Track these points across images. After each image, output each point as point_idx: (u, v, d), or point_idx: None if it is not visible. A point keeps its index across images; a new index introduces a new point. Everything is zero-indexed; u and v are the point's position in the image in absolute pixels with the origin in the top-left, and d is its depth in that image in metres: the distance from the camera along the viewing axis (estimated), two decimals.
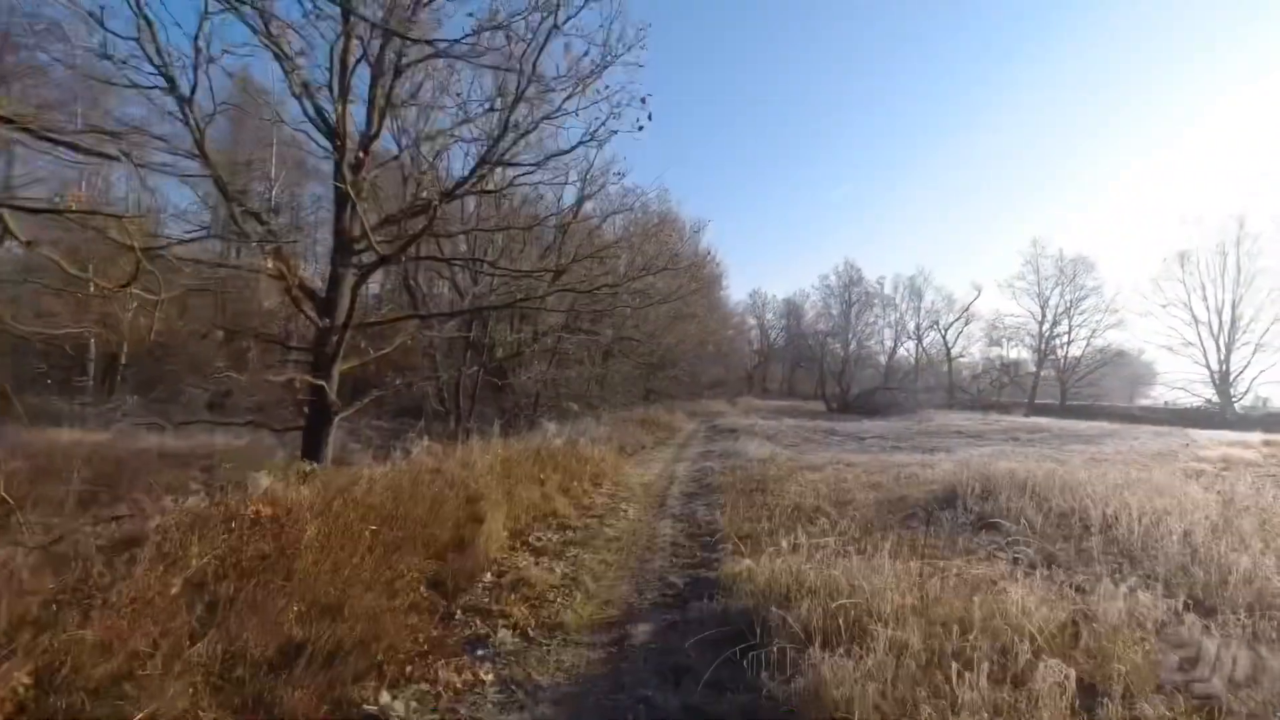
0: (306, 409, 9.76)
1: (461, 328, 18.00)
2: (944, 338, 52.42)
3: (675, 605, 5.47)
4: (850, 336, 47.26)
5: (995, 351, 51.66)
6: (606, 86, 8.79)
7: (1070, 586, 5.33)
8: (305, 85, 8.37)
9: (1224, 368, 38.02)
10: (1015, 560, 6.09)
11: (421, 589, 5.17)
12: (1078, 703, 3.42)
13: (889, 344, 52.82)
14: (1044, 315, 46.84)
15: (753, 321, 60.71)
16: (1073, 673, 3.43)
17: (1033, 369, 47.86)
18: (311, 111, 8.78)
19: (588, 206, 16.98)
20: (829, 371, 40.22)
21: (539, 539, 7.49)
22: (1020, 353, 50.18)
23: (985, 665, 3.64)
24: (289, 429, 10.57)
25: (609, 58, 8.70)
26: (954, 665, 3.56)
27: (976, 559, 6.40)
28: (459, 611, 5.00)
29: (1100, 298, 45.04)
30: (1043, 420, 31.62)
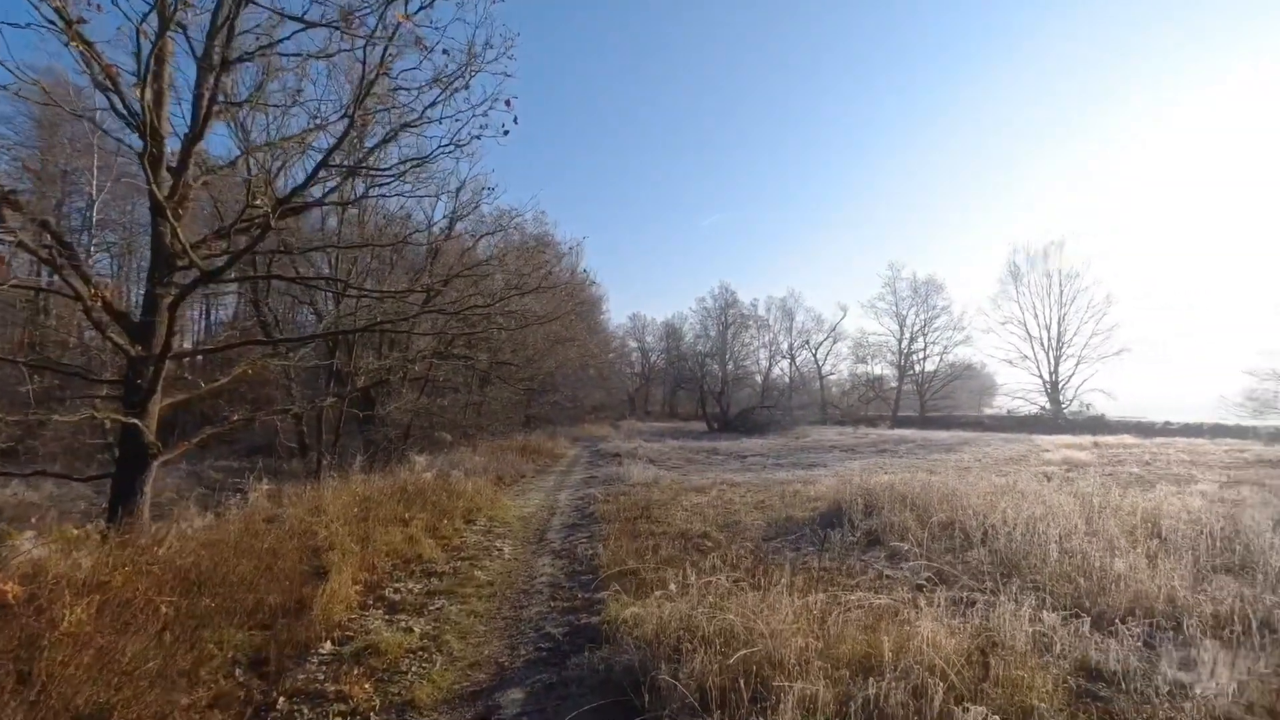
0: (118, 452, 8.24)
1: (323, 355, 16.43)
2: (815, 356, 55.15)
3: (553, 662, 4.80)
4: (728, 357, 48.45)
5: (861, 368, 54.96)
6: (470, 97, 8.17)
7: (968, 605, 5.19)
8: (107, 72, 7.10)
9: (1054, 377, 42.48)
10: (919, 588, 5.91)
11: (237, 672, 4.19)
12: None
13: (764, 363, 54.81)
14: (902, 333, 50.48)
15: (634, 344, 61.08)
16: (997, 719, 3.14)
17: (895, 384, 51.27)
18: (121, 107, 7.49)
19: (460, 227, 16.14)
20: (709, 392, 40.88)
21: (398, 591, 6.55)
22: (883, 368, 53.66)
23: (901, 715, 3.30)
24: (94, 477, 8.89)
25: (475, 64, 8.08)
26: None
27: (870, 580, 6.20)
28: (281, 699, 4.05)
29: (950, 316, 49.15)
30: (907, 432, 33.64)
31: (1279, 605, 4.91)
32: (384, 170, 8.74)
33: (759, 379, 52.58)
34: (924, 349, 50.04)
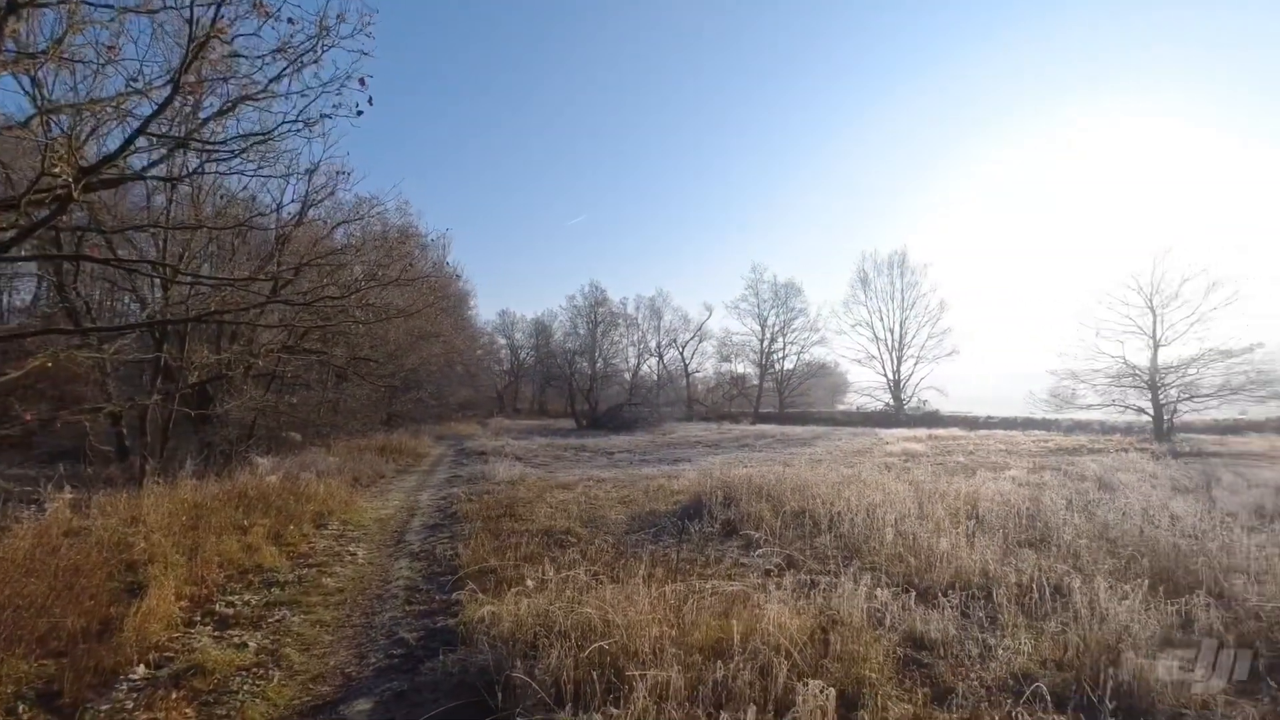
0: None
1: (148, 347, 14.65)
2: (682, 355, 56.67)
3: (405, 669, 4.58)
4: (597, 355, 48.69)
5: (726, 366, 57.12)
6: (321, 73, 7.59)
7: (813, 587, 5.54)
8: None
9: (896, 376, 46.40)
10: (767, 573, 6.23)
11: (21, 709, 3.64)
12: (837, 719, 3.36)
13: (633, 361, 55.58)
14: (764, 333, 53.02)
15: (502, 341, 59.77)
16: (833, 691, 3.35)
17: (756, 381, 53.80)
18: None
19: (314, 213, 15.00)
20: (578, 389, 40.92)
21: (231, 604, 5.99)
22: (746, 367, 56.09)
23: (749, 694, 3.45)
24: None
25: (327, 37, 7.52)
26: (717, 709, 3.31)
27: (725, 569, 6.47)
28: None
29: (807, 318, 52.27)
30: (767, 427, 35.44)
31: (1068, 572, 5.63)
32: (220, 144, 7.94)
33: (628, 376, 53.25)
34: (783, 349, 52.93)
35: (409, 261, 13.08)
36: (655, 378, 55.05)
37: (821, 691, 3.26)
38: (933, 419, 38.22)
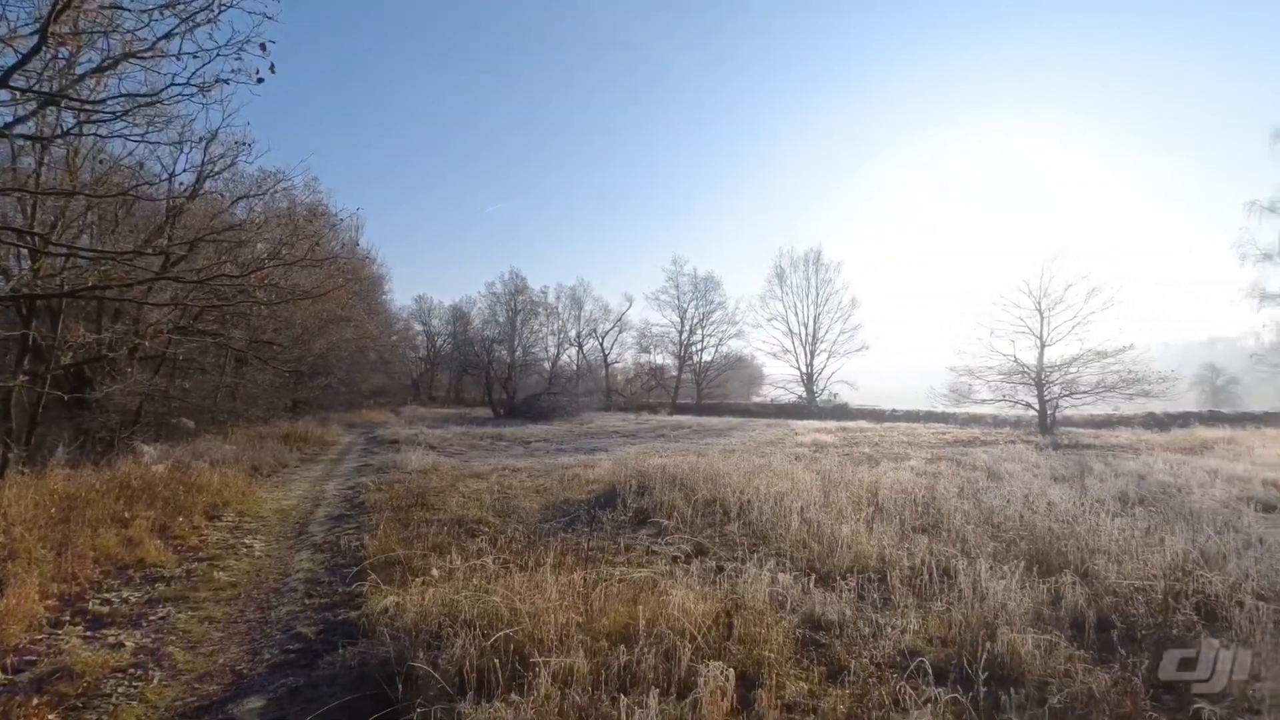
0: None
1: (12, 323, 13.31)
2: (601, 345, 56.63)
3: (302, 664, 4.39)
4: (516, 343, 47.94)
5: (645, 357, 57.49)
6: (218, 35, 7.08)
7: (720, 573, 5.68)
8: None
9: (809, 369, 48.09)
10: (674, 559, 6.33)
11: None
12: (736, 699, 3.44)
13: (553, 350, 55.05)
14: (683, 325, 53.65)
15: (419, 327, 57.94)
16: (732, 672, 3.44)
17: (675, 373, 54.47)
18: None
19: (211, 185, 13.97)
20: (496, 377, 40.18)
21: (107, 602, 5.56)
22: (665, 358, 56.62)
23: (652, 678, 3.50)
24: None
25: None
26: (621, 693, 3.33)
27: (637, 556, 6.53)
28: None
29: (725, 311, 53.26)
30: (684, 418, 35.93)
31: (955, 556, 5.99)
32: (100, 104, 7.29)
33: (547, 366, 52.79)
34: (702, 341, 53.77)
35: (316, 241, 12.41)
36: (575, 367, 54.85)
37: (722, 673, 3.35)
38: (843, 412, 39.82)
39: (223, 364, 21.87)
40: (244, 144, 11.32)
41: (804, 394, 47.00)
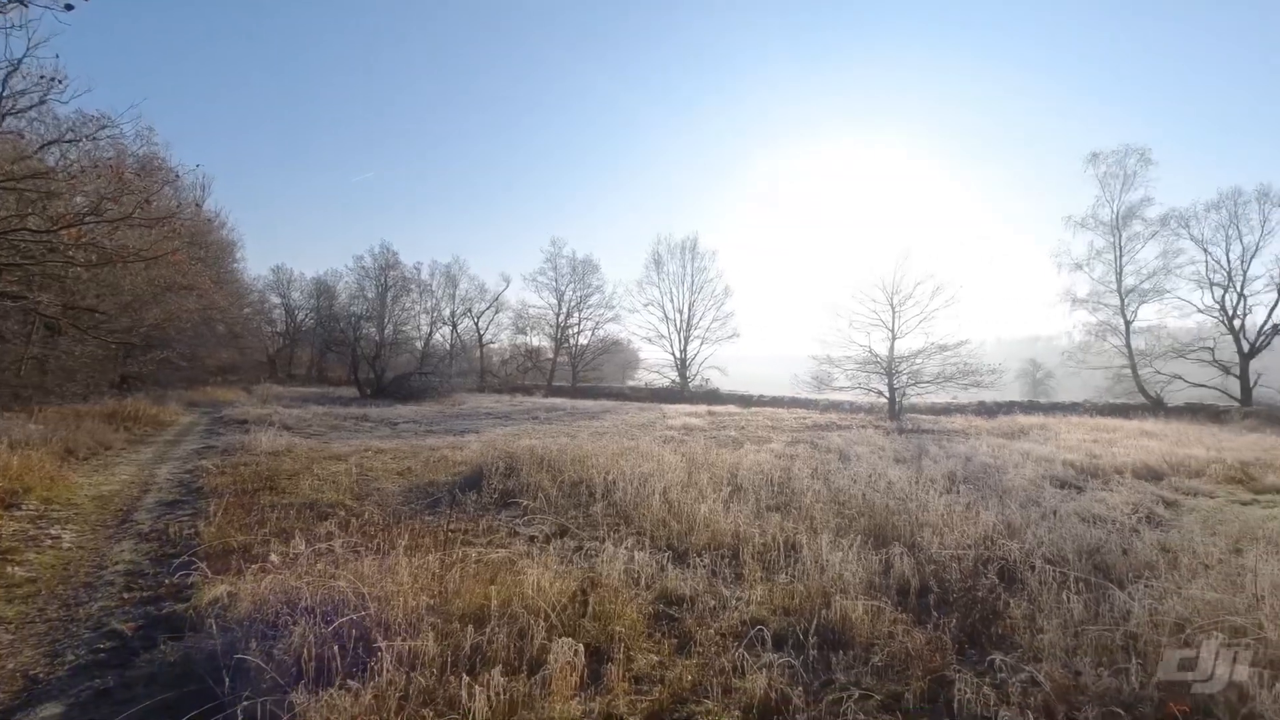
0: None
1: None
2: (477, 325, 55.25)
3: (115, 664, 3.96)
4: (386, 320, 45.68)
5: (521, 339, 56.78)
6: None
7: (580, 552, 5.74)
8: None
9: (683, 355, 49.48)
10: (532, 539, 6.31)
11: None
12: (586, 674, 3.49)
13: (425, 329, 53.08)
14: (560, 307, 53.47)
15: (276, 300, 53.66)
16: (581, 647, 3.48)
17: (551, 355, 54.21)
18: None
19: (13, 125, 12.12)
20: (363, 356, 38.00)
21: None
22: (542, 340, 56.21)
23: (503, 656, 3.48)
24: None
25: None
26: (469, 673, 3.28)
27: (499, 538, 6.46)
28: None
29: (603, 295, 53.63)
30: (559, 400, 35.87)
31: (800, 531, 6.38)
32: None
33: (419, 345, 50.75)
34: (579, 324, 53.84)
35: (148, 197, 11.11)
36: (449, 347, 53.22)
37: (571, 649, 3.38)
38: (713, 396, 41.32)
39: (29, 332, 19.20)
40: (55, 79, 9.90)
41: (677, 379, 48.28)
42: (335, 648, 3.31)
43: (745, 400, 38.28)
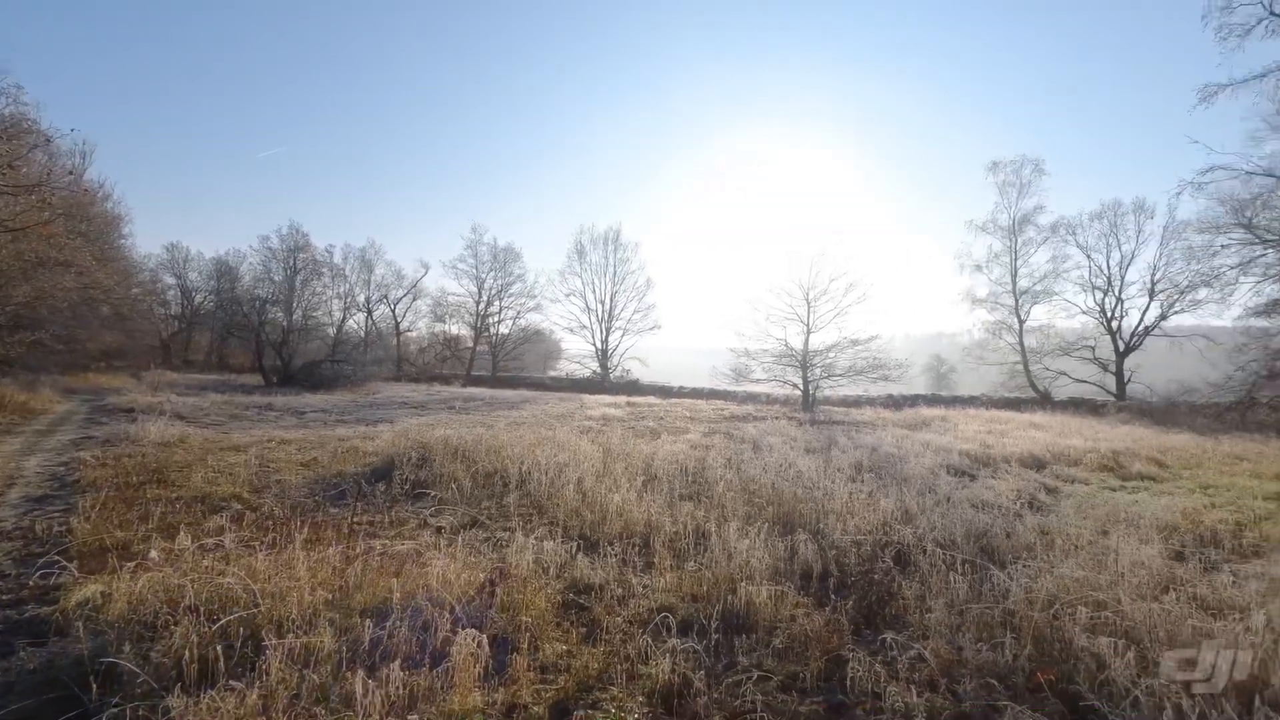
0: None
1: None
2: (393, 312, 53.35)
3: None
4: (295, 305, 43.42)
5: (440, 327, 55.19)
6: None
7: (491, 545, 5.65)
8: None
9: (604, 346, 49.50)
10: (439, 530, 6.17)
11: None
12: (491, 665, 3.44)
13: (338, 315, 50.64)
14: (481, 295, 52.26)
15: (171, 280, 49.96)
16: (486, 638, 3.43)
17: (471, 344, 53.01)
18: None
19: None
20: (269, 342, 35.97)
21: None
22: (461, 329, 54.84)
23: (405, 650, 3.38)
24: None
25: None
26: (368, 668, 3.17)
27: (409, 529, 6.28)
28: None
29: (524, 284, 52.80)
30: (478, 390, 35.20)
31: (713, 520, 6.51)
32: None
33: (331, 331, 48.50)
34: (500, 313, 52.80)
35: (11, 161, 10.09)
36: (363, 334, 51.19)
37: (474, 640, 3.33)
38: (634, 387, 41.59)
39: None
40: None
41: (599, 369, 48.27)
42: (219, 648, 3.12)
43: (665, 391, 38.71)
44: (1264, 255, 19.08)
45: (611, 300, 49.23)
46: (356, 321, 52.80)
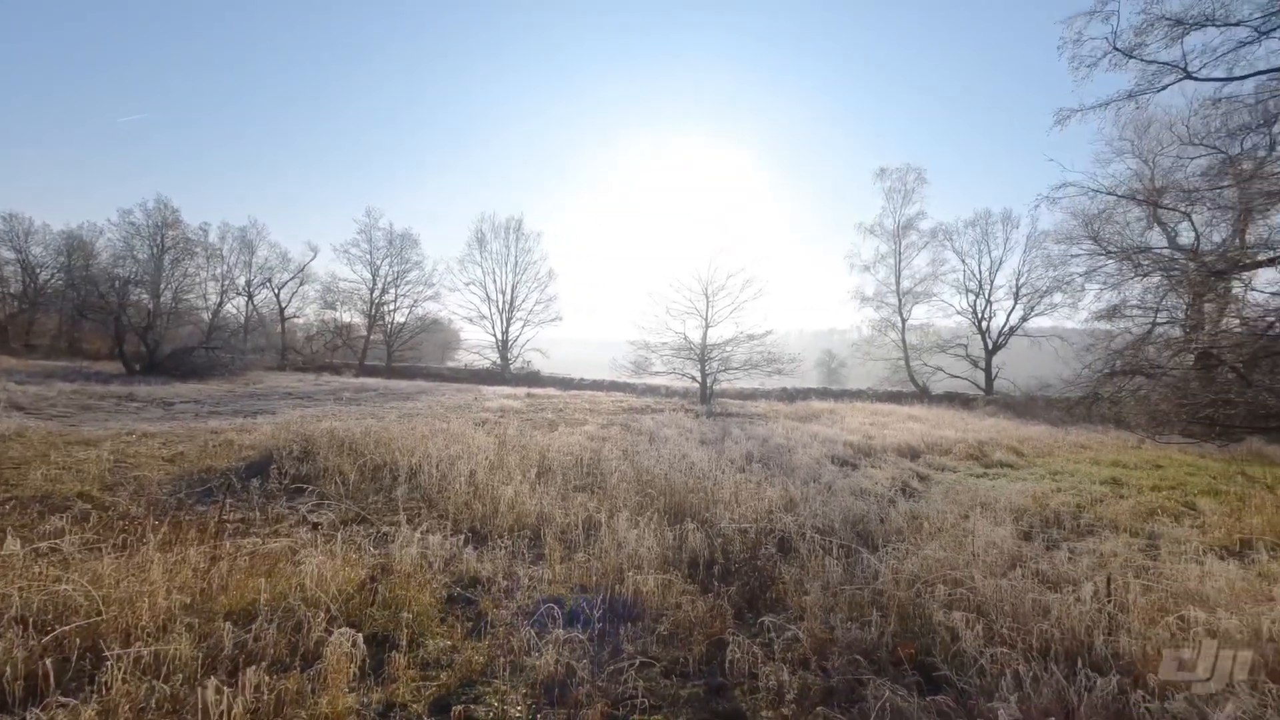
0: None
1: None
2: (278, 297, 49.93)
3: None
4: (164, 287, 39.83)
5: (331, 314, 52.17)
6: None
7: (376, 540, 5.43)
8: None
9: (505, 336, 48.57)
10: (315, 526, 5.88)
11: None
12: (368, 664, 3.32)
13: (214, 299, 46.86)
14: (375, 283, 49.90)
15: (9, 255, 44.54)
16: (361, 636, 3.29)
17: (364, 332, 50.57)
18: None
19: None
20: (131, 326, 32.78)
21: None
22: (354, 316, 52.09)
23: (273, 654, 3.20)
24: None
25: None
26: (231, 673, 2.97)
27: (287, 527, 5.94)
28: None
29: (422, 271, 50.87)
30: (371, 380, 33.70)
31: (605, 511, 6.55)
32: None
33: (206, 316, 44.96)
34: (395, 300, 50.62)
35: None
36: (243, 320, 47.72)
37: (350, 639, 3.20)
38: (534, 379, 41.14)
39: None
40: None
41: (498, 360, 47.40)
42: (47, 662, 2.82)
43: (566, 383, 38.55)
44: (1106, 265, 21.27)
45: (513, 290, 48.41)
46: (236, 306, 49.09)
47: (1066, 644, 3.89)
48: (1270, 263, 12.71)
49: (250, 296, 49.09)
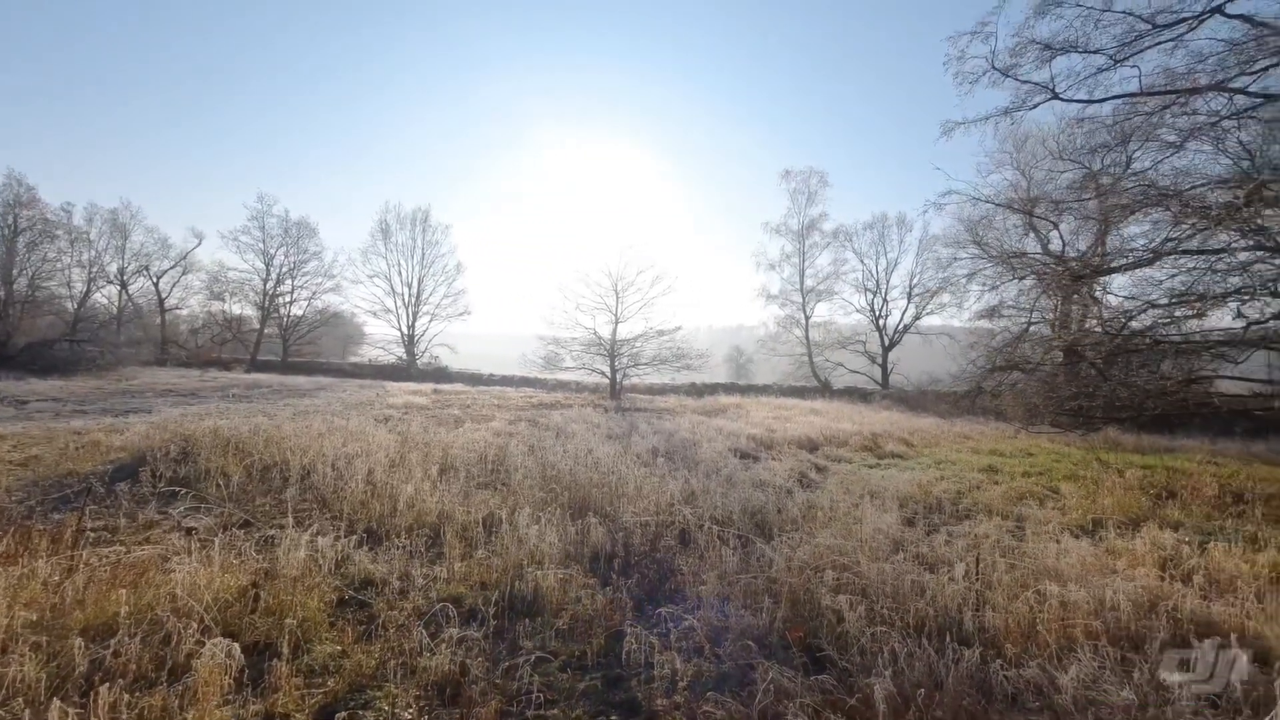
0: None
1: None
2: (156, 286, 46.12)
3: None
4: (17, 273, 35.78)
5: (218, 305, 48.63)
6: None
7: (260, 544, 5.13)
8: None
9: (411, 331, 46.92)
10: (189, 532, 5.50)
11: None
12: (247, 674, 3.14)
13: (80, 287, 42.68)
14: (269, 273, 46.92)
15: None
16: (237, 646, 3.11)
17: (257, 325, 47.53)
18: None
19: None
20: None
21: None
22: (245, 308, 48.80)
23: (135, 669, 2.97)
24: None
25: None
26: (83, 694, 2.73)
27: (161, 534, 5.52)
28: None
29: (321, 262, 48.25)
30: (265, 376, 31.81)
31: (507, 507, 6.47)
32: None
33: (71, 306, 40.97)
34: (292, 292, 47.79)
35: None
36: (115, 310, 43.85)
37: (224, 649, 3.02)
38: (442, 374, 40.06)
39: None
40: None
41: (404, 355, 45.83)
42: None
43: (475, 379, 37.76)
44: (987, 268, 22.99)
45: (419, 284, 46.83)
46: (107, 296, 45.00)
47: (939, 620, 4.19)
48: (1124, 269, 14.08)
49: (124, 285, 45.18)
